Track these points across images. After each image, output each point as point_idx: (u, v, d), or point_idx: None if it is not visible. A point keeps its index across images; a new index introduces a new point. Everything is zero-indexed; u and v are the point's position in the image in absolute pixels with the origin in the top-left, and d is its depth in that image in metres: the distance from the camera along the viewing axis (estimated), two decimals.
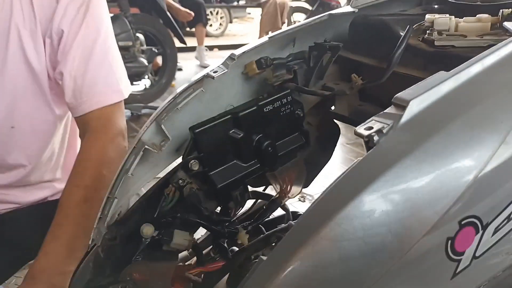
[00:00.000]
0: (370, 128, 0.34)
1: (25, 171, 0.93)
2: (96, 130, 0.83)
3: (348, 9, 0.68)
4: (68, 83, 0.82)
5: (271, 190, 0.81)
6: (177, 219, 0.59)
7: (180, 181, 0.60)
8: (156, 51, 3.54)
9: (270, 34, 0.63)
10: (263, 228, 0.69)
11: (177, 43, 3.90)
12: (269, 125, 0.63)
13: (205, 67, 5.27)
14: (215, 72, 0.57)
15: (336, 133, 0.72)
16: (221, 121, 0.60)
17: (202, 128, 0.58)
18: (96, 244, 0.55)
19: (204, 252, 0.68)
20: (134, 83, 3.44)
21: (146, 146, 0.56)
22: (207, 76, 0.57)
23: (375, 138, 0.32)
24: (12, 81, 0.82)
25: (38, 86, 0.85)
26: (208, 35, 5.90)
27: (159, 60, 3.83)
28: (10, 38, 0.79)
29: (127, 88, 0.89)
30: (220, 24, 8.24)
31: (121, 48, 3.35)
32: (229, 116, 0.60)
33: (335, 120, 0.71)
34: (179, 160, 0.65)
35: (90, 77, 0.83)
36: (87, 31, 0.83)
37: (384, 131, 0.32)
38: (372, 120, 0.35)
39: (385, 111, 0.35)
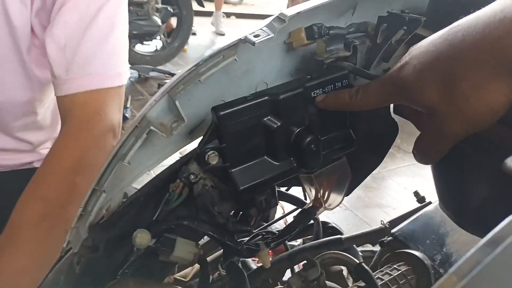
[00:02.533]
0: None
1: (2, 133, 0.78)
2: (78, 122, 0.64)
3: None
4: (54, 53, 0.64)
5: (295, 191, 0.67)
6: (182, 226, 0.45)
7: (192, 176, 0.45)
8: (171, 11, 3.32)
9: None
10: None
11: (194, 6, 3.69)
12: (314, 114, 0.48)
13: (221, 34, 5.11)
14: (256, 36, 0.41)
15: (393, 131, 0.57)
16: (254, 103, 0.45)
17: (229, 111, 0.43)
18: (73, 250, 0.41)
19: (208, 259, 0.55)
20: (145, 43, 3.25)
21: (152, 127, 0.41)
22: (244, 40, 0.41)
23: None
24: None
25: (13, 42, 0.68)
26: (226, 1, 5.65)
27: (173, 21, 3.63)
28: None
29: (126, 74, 0.70)
30: None
31: (134, 4, 3.18)
32: (266, 98, 0.45)
33: (394, 115, 0.56)
34: (192, 145, 0.51)
35: (85, 51, 0.65)
36: None
37: None
38: None
39: None
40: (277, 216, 0.84)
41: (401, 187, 2.20)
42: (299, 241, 0.76)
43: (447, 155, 0.41)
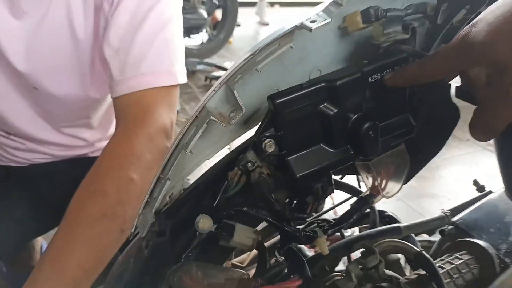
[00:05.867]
0: None
1: (54, 132, 0.83)
2: (131, 121, 0.65)
3: None
4: (110, 56, 0.67)
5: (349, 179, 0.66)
6: (241, 213, 0.46)
7: (249, 164, 0.46)
8: (216, 3, 3.36)
9: None
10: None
11: None
12: (372, 100, 0.47)
13: (265, 24, 5.09)
14: (312, 21, 0.41)
15: (454, 116, 0.54)
16: (310, 90, 0.44)
17: (285, 98, 0.44)
18: (140, 234, 0.44)
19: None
20: (192, 36, 3.31)
21: (211, 117, 0.42)
22: (301, 27, 0.41)
23: None
24: (48, 41, 0.68)
25: (77, 55, 0.71)
26: None
27: (217, 14, 3.66)
28: None
29: (182, 73, 0.70)
30: None
31: None
32: (322, 84, 0.45)
33: (456, 100, 0.54)
34: (246, 135, 0.52)
35: (136, 51, 0.66)
36: None
37: None
38: None
39: None
40: (327, 206, 0.84)
41: (457, 176, 2.10)
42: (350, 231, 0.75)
43: None
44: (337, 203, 0.64)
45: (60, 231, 0.55)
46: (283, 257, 0.52)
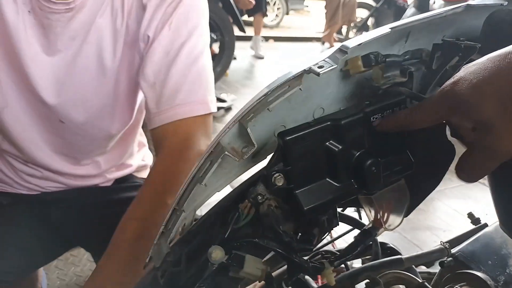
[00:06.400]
0: None
1: (71, 164, 0.86)
2: (169, 150, 0.69)
3: (492, 0, 0.53)
4: (147, 90, 0.71)
5: (351, 212, 0.69)
6: (251, 244, 0.48)
7: (259, 197, 0.49)
8: (214, 37, 3.47)
9: (391, 24, 0.50)
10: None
11: (235, 31, 3.82)
12: (374, 138, 0.51)
13: (260, 57, 5.20)
14: (320, 67, 0.45)
15: (450, 154, 0.58)
16: (317, 128, 0.48)
17: (294, 136, 0.47)
18: (155, 264, 0.45)
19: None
20: None
21: (226, 152, 0.45)
22: (309, 71, 0.45)
23: None
24: (79, 75, 0.73)
25: (102, 86, 0.75)
26: (263, 25, 5.81)
27: (215, 47, 3.77)
28: (91, 31, 0.70)
29: (213, 101, 0.75)
30: (276, 15, 8.14)
31: None
32: (328, 123, 0.48)
33: (451, 138, 0.57)
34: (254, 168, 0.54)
35: (171, 84, 0.70)
36: (173, 33, 0.71)
37: None
38: None
39: None
40: (329, 238, 0.85)
41: (451, 209, 2.14)
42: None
43: (507, 175, 0.42)
44: (336, 236, 0.66)
45: (105, 254, 0.61)
46: None
